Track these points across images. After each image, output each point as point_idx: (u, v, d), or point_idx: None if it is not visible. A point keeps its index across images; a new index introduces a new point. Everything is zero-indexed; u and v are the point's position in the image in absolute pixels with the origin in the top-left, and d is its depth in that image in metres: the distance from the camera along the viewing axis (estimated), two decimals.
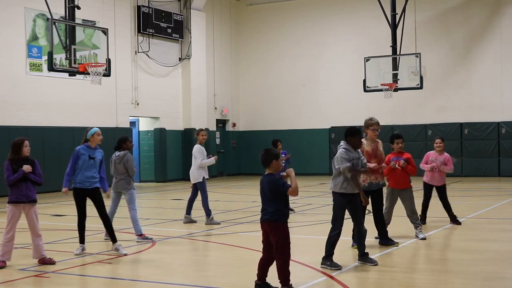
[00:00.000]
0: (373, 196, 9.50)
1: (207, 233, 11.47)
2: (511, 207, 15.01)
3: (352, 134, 8.33)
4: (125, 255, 9.10)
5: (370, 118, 9.64)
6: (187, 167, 27.50)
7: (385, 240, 9.53)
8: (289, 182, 6.64)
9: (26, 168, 8.46)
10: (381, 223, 9.56)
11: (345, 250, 9.07)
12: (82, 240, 9.39)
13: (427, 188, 11.86)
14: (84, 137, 9.48)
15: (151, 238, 10.41)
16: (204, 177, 12.55)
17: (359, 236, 8.32)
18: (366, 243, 8.35)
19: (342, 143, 8.38)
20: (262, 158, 6.80)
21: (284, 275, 6.65)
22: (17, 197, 8.52)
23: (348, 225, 8.71)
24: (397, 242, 9.51)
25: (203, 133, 12.82)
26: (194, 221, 12.63)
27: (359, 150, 8.45)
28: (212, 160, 12.67)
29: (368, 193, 9.27)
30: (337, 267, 7.97)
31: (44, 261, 8.53)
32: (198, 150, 12.61)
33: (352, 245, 9.28)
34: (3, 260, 8.43)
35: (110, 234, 9.40)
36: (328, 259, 8.06)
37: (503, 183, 22.82)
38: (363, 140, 9.35)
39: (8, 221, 8.54)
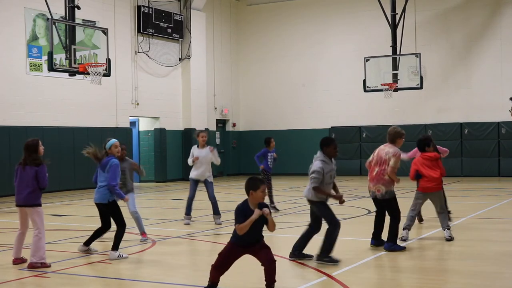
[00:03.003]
0: (376, 204, 9.57)
1: (207, 233, 11.47)
2: (511, 207, 15.01)
3: (327, 144, 8.45)
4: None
5: (396, 127, 9.50)
6: (187, 167, 27.51)
7: (378, 241, 9.47)
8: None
9: None
10: (380, 228, 9.52)
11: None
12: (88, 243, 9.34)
13: None
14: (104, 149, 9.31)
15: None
16: (191, 177, 12.51)
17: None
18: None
19: (319, 154, 8.45)
20: (245, 186, 6.60)
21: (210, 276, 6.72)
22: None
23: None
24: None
25: (203, 135, 12.66)
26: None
27: (333, 160, 8.52)
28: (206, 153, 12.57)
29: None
30: (336, 262, 8.07)
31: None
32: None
33: (371, 244, 9.37)
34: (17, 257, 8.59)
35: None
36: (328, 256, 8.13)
37: (503, 183, 22.82)
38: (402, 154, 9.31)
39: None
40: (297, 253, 8.51)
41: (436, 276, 7.78)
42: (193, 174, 12.51)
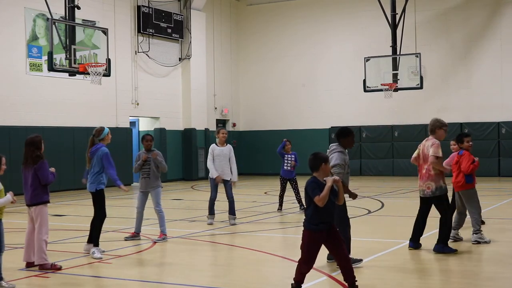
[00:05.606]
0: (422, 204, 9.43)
1: (207, 233, 11.47)
2: (511, 207, 15.01)
3: (346, 135, 8.25)
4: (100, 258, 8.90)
5: (437, 119, 9.25)
6: (187, 167, 27.58)
7: (417, 244, 9.35)
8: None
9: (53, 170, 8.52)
10: (421, 230, 9.38)
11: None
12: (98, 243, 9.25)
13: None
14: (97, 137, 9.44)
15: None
16: (209, 177, 12.55)
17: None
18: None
19: (336, 145, 8.23)
20: (310, 163, 6.48)
21: (296, 275, 6.61)
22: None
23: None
24: (456, 250, 9.12)
25: (223, 131, 12.75)
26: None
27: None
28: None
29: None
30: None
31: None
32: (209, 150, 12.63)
33: (410, 246, 9.28)
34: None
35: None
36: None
37: (503, 183, 22.82)
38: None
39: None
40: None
41: (436, 276, 7.78)
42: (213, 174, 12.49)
